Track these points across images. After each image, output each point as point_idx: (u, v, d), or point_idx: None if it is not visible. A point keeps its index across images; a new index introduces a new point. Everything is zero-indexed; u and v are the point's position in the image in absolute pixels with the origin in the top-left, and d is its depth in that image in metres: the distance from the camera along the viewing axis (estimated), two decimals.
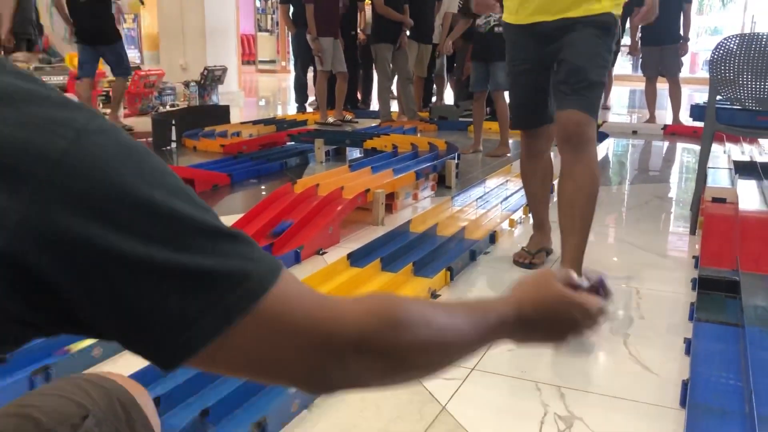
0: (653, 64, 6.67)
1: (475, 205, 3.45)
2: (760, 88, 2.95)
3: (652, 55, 6.65)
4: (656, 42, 6.55)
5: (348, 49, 7.14)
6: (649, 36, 6.59)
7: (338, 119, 6.82)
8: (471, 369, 1.84)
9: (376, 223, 3.26)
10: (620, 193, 4.12)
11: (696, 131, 5.83)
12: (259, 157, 4.82)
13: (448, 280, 2.48)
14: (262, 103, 9.37)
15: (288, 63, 16.00)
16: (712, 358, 1.83)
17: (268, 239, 2.81)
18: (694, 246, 2.93)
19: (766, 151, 4.99)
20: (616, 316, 2.22)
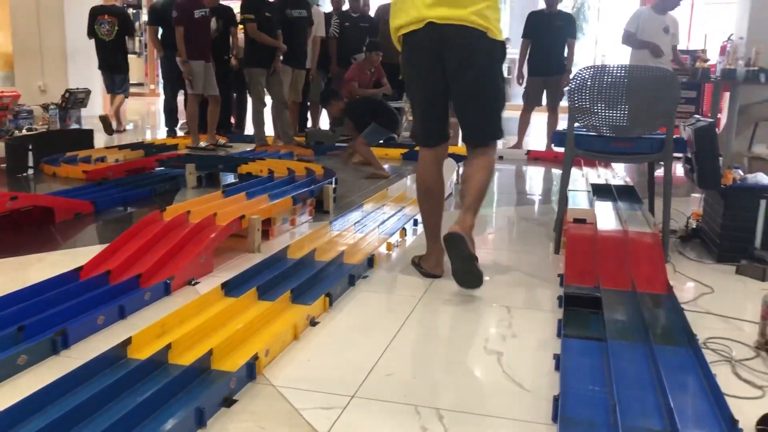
0: (536, 94, 7.05)
1: (353, 229, 3.46)
2: (613, 116, 3.18)
3: (536, 85, 7.01)
4: (541, 73, 6.93)
5: (221, 73, 7.02)
6: (535, 67, 6.96)
7: (211, 143, 6.65)
8: (351, 396, 1.82)
9: (252, 250, 3.18)
10: (489, 216, 4.28)
11: (557, 156, 6.21)
12: (125, 183, 4.59)
13: (327, 306, 2.45)
14: (129, 127, 8.95)
15: (157, 86, 15.46)
16: (580, 373, 1.91)
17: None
18: (559, 265, 3.08)
19: (618, 175, 5.37)
20: (490, 335, 2.28)
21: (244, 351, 2.00)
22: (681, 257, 3.27)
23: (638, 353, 2.05)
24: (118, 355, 1.93)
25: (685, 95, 7.16)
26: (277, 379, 1.90)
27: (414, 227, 3.71)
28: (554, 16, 6.86)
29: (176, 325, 2.18)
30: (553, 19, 6.84)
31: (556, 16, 6.87)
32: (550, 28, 6.82)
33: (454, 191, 4.89)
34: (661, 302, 2.50)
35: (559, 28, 6.82)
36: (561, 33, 6.84)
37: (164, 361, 1.91)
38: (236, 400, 1.77)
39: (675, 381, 1.84)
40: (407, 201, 4.20)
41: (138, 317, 2.34)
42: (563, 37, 6.86)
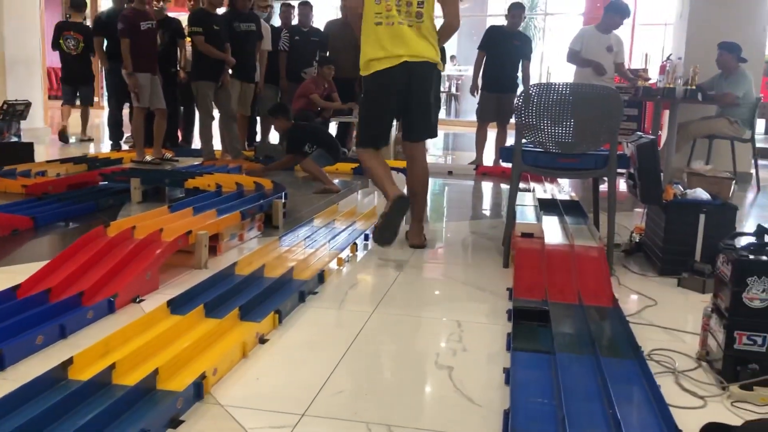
0: (490, 110, 7.14)
1: (303, 244, 3.43)
2: (558, 133, 3.25)
3: (490, 101, 7.11)
4: (496, 90, 7.02)
5: (168, 86, 6.92)
6: (490, 84, 7.06)
7: (157, 157, 6.53)
8: (301, 415, 1.79)
9: (199, 266, 3.12)
10: (440, 230, 4.31)
11: (505, 172, 6.30)
12: (67, 198, 4.46)
13: (277, 323, 2.42)
14: (72, 141, 8.71)
15: (101, 99, 15.10)
16: (530, 386, 1.93)
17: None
18: (507, 279, 3.12)
19: (564, 189, 5.49)
20: (441, 350, 2.29)
21: (191, 370, 1.95)
22: (625, 270, 3.35)
23: (586, 365, 2.08)
24: (58, 377, 1.86)
25: (628, 112, 7.38)
26: (225, 398, 1.86)
27: (365, 242, 3.70)
28: (513, 35, 7.01)
29: (120, 344, 2.11)
30: (511, 37, 6.99)
31: (515, 35, 7.02)
32: (506, 45, 6.96)
33: None
34: (607, 315, 2.55)
35: (516, 47, 6.97)
36: (517, 52, 6.98)
37: (108, 381, 1.85)
38: (183, 420, 1.73)
39: (621, 392, 1.88)
40: (358, 216, 4.20)
41: (80, 336, 2.27)
42: (518, 57, 7.02)
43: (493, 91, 7.04)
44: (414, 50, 3.36)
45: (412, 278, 3.15)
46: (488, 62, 7.07)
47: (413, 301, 2.83)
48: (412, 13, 3.35)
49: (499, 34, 7.04)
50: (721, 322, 2.09)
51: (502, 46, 6.97)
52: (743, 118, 6.20)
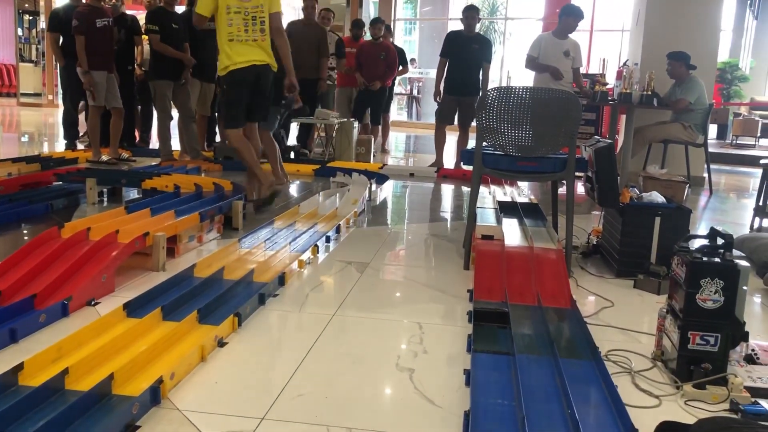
0: (449, 113, 7.19)
1: (263, 246, 3.39)
2: (518, 136, 3.28)
3: (450, 103, 7.16)
4: (455, 92, 7.09)
5: (125, 84, 6.78)
6: (449, 87, 7.12)
7: (113, 157, 6.39)
8: (261, 419, 1.77)
9: (157, 268, 3.06)
10: (399, 232, 4.32)
11: (465, 174, 6.35)
12: (19, 198, 4.33)
13: (236, 326, 2.39)
14: (24, 139, 8.48)
15: (56, 96, 14.77)
16: (490, 387, 1.95)
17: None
18: (468, 280, 3.14)
19: (524, 192, 5.55)
20: (402, 352, 2.29)
21: (147, 374, 1.91)
22: (583, 272, 3.41)
23: (545, 366, 2.10)
24: (8, 382, 1.80)
25: (586, 117, 7.51)
26: (183, 402, 1.83)
27: (326, 244, 3.69)
28: (472, 38, 7.07)
29: (74, 349, 2.06)
30: (470, 41, 7.05)
31: (474, 38, 7.08)
32: (466, 50, 7.02)
33: (366, 208, 4.90)
34: (566, 316, 2.59)
35: (475, 51, 7.03)
36: (477, 56, 7.04)
37: (60, 387, 1.80)
38: (139, 426, 1.69)
39: (579, 393, 1.90)
40: (319, 218, 4.18)
41: (31, 341, 2.20)
42: (479, 60, 7.07)
43: (453, 94, 7.11)
44: (260, 57, 4.45)
45: (373, 280, 3.15)
46: (449, 67, 7.14)
47: (374, 303, 2.83)
48: (257, 30, 4.43)
49: (459, 39, 7.11)
50: (676, 322, 2.14)
51: (462, 51, 7.03)
52: (696, 123, 6.36)
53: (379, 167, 6.84)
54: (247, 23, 4.40)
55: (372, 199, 5.31)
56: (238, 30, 4.38)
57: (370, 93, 8.21)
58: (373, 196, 5.38)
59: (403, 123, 15.55)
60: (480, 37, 7.20)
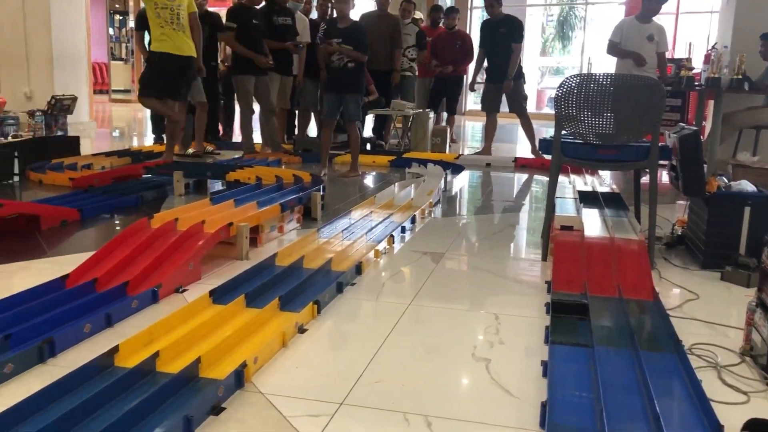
0: (493, 101, 7.16)
1: (341, 236, 3.46)
2: (598, 124, 3.20)
3: (492, 92, 7.13)
4: (492, 80, 7.07)
5: (208, 80, 7.00)
6: (490, 75, 7.11)
7: (199, 151, 6.63)
8: (339, 404, 1.82)
9: (240, 257, 3.17)
10: (475, 223, 4.30)
11: (544, 164, 6.24)
12: (112, 190, 4.57)
13: (316, 313, 2.45)
14: (116, 134, 8.92)
15: None
16: (568, 379, 1.93)
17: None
18: (546, 271, 3.10)
19: (605, 182, 5.41)
20: (478, 342, 2.29)
21: (232, 359, 2.00)
22: (666, 264, 3.30)
23: (625, 359, 2.06)
24: (105, 364, 1.92)
25: (670, 103, 7.23)
26: (265, 386, 1.90)
27: (402, 234, 3.72)
28: (499, 22, 6.98)
29: (164, 333, 2.17)
30: (497, 26, 6.97)
31: (501, 22, 6.99)
32: (494, 35, 6.97)
33: (442, 198, 4.90)
34: (647, 308, 2.52)
35: (504, 35, 6.93)
36: (506, 39, 6.94)
37: (152, 369, 1.90)
38: (224, 407, 1.77)
39: (661, 387, 1.86)
40: (395, 208, 4.21)
41: (125, 325, 2.33)
42: (507, 44, 6.96)
43: (493, 82, 7.10)
44: (183, 44, 5.73)
45: (448, 271, 3.15)
46: (487, 55, 7.16)
47: (450, 293, 2.84)
48: (178, 24, 5.71)
49: (487, 27, 7.09)
50: (767, 316, 2.05)
51: (491, 38, 7.00)
52: None
53: (454, 157, 6.81)
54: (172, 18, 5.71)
55: (447, 190, 5.30)
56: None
57: (446, 83, 8.18)
58: (448, 187, 5.37)
59: (480, 112, 15.39)
60: (508, 19, 7.08)
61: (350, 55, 5.38)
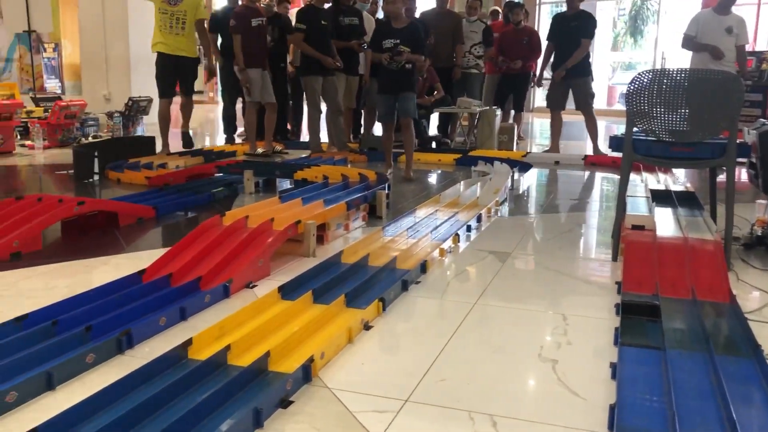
0: (559, 98, 7.00)
1: (406, 234, 3.47)
2: (672, 121, 3.11)
3: (559, 89, 6.97)
4: (564, 76, 6.87)
5: (277, 80, 7.14)
6: (557, 70, 6.91)
7: (268, 150, 6.77)
8: (405, 401, 1.83)
9: (308, 254, 3.23)
10: (544, 222, 4.24)
11: (615, 161, 6.09)
12: (186, 189, 4.73)
13: (381, 310, 2.48)
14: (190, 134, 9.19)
15: (216, 94, 15.83)
16: (637, 382, 1.88)
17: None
18: (616, 272, 3.03)
19: (679, 180, 5.24)
20: (545, 342, 2.26)
21: (299, 353, 2.04)
22: (745, 265, 3.17)
23: (698, 363, 2.00)
24: (179, 356, 1.99)
25: (750, 98, 6.93)
26: (331, 381, 1.93)
27: (467, 233, 3.70)
28: (572, 17, 6.81)
29: (235, 327, 2.23)
30: (570, 20, 6.80)
31: (574, 16, 6.80)
32: (567, 30, 6.79)
33: (509, 197, 4.85)
34: (723, 311, 2.43)
35: (575, 29, 6.75)
36: (576, 34, 6.76)
37: (223, 362, 1.97)
38: (292, 401, 1.81)
39: (738, 392, 1.79)
40: (460, 207, 4.20)
41: (198, 319, 2.41)
42: (579, 38, 6.78)
43: (562, 78, 6.89)
44: (180, 45, 6.38)
45: (514, 270, 3.12)
46: (555, 50, 6.97)
47: (516, 293, 2.81)
48: (177, 27, 6.36)
49: (560, 21, 6.91)
50: None
51: (563, 32, 6.81)
52: None
53: (522, 155, 6.73)
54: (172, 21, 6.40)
55: (514, 188, 5.24)
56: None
57: (513, 79, 8.08)
58: (515, 185, 5.31)
59: (542, 109, 15.14)
60: (581, 13, 6.87)
61: (412, 59, 5.22)
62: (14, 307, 2.47)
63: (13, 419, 1.70)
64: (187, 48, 6.51)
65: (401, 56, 5.15)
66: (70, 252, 3.32)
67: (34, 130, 7.17)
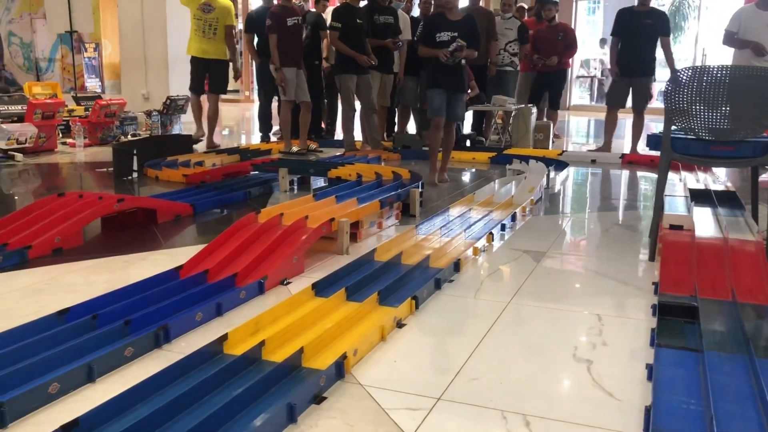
0: (620, 95, 6.79)
1: (439, 233, 3.47)
2: (712, 119, 3.04)
3: (620, 86, 6.76)
4: (627, 74, 6.66)
5: (312, 79, 7.18)
6: (621, 68, 6.70)
7: (302, 148, 6.82)
8: (437, 399, 1.83)
9: (341, 252, 3.25)
10: (580, 221, 4.19)
11: (653, 160, 5.99)
12: (222, 186, 4.79)
13: (414, 308, 2.48)
14: (225, 133, 9.32)
15: (252, 92, 15.98)
16: (674, 384, 1.85)
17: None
18: (653, 272, 2.98)
19: (719, 179, 5.13)
20: (579, 343, 2.24)
21: (333, 350, 2.05)
22: None
23: (738, 366, 1.96)
24: (215, 351, 2.03)
25: None
26: (364, 378, 1.94)
27: (501, 232, 3.68)
28: (644, 14, 6.55)
29: (269, 323, 2.26)
30: (643, 16, 6.55)
31: (646, 13, 6.56)
32: (638, 26, 6.54)
33: (544, 195, 4.81)
34: (764, 313, 2.38)
35: (649, 27, 6.52)
36: (650, 32, 6.54)
37: (258, 357, 1.99)
38: (325, 397, 1.82)
39: None
40: (494, 206, 4.18)
41: (233, 315, 2.45)
42: (653, 37, 6.56)
43: (625, 75, 6.68)
44: (209, 48, 7.08)
45: (549, 270, 3.10)
46: (621, 46, 6.70)
47: (551, 293, 2.78)
48: (209, 32, 7.07)
49: (629, 16, 6.63)
50: None
51: (633, 29, 6.55)
52: None
53: (558, 154, 6.66)
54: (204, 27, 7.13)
55: (550, 187, 5.19)
56: None
57: (549, 77, 7.99)
58: (551, 184, 5.26)
59: (585, 107, 14.94)
60: (654, 11, 6.64)
61: (469, 55, 4.92)
62: (56, 300, 2.53)
63: (56, 410, 1.75)
64: (217, 51, 7.23)
65: (462, 53, 4.82)
66: (110, 248, 3.39)
67: (76, 129, 7.33)
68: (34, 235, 3.26)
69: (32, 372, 1.86)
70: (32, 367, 1.87)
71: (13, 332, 2.10)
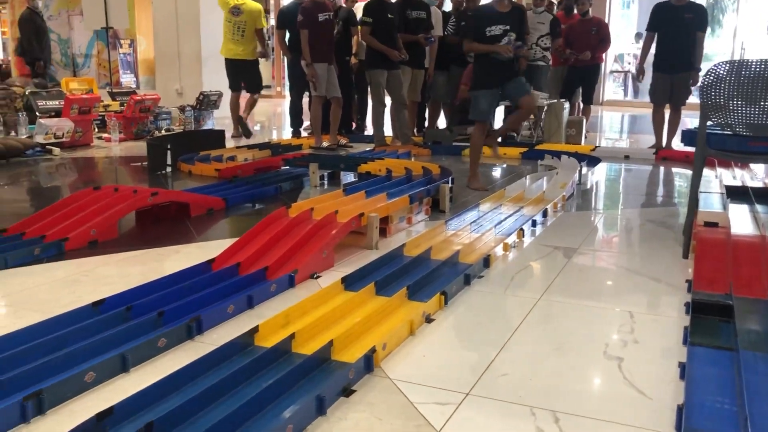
0: (663, 92, 6.62)
1: (468, 229, 3.46)
2: (750, 114, 2.98)
3: (662, 82, 6.59)
4: (668, 70, 6.49)
5: (342, 74, 7.19)
6: (661, 64, 6.55)
7: (333, 144, 6.84)
8: (466, 394, 1.83)
9: (371, 246, 3.26)
10: (613, 217, 4.14)
11: (688, 156, 5.88)
12: (254, 181, 4.83)
13: (443, 304, 2.48)
14: (257, 128, 9.39)
15: (283, 88, 16.08)
16: (707, 383, 1.82)
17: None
18: (687, 270, 2.94)
19: (757, 176, 5.02)
20: (611, 340, 2.22)
21: (362, 344, 2.06)
22: None
23: None
24: (246, 343, 2.05)
25: None
26: (393, 372, 1.95)
27: (532, 228, 3.66)
28: (683, 7, 6.36)
29: (299, 316, 2.28)
30: (682, 10, 6.37)
31: (685, 7, 6.36)
32: (677, 21, 6.33)
33: (576, 191, 4.76)
34: None
35: (688, 21, 6.33)
36: (690, 26, 6.35)
37: (288, 349, 2.01)
38: (354, 390, 1.84)
39: None
40: (525, 201, 4.15)
41: (264, 307, 2.47)
42: (693, 31, 6.37)
43: (665, 71, 6.50)
44: (238, 49, 7.64)
45: (580, 266, 3.07)
46: (660, 41, 6.50)
47: (582, 289, 2.76)
48: (239, 34, 7.62)
49: (668, 11, 6.42)
50: None
51: (672, 23, 6.34)
52: None
53: (590, 149, 6.58)
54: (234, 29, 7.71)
55: (582, 183, 5.14)
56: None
57: (581, 72, 7.89)
58: (583, 180, 5.20)
59: (618, 102, 14.75)
60: (693, 5, 6.42)
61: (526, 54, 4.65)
62: (92, 292, 2.59)
63: (91, 398, 1.79)
64: (245, 52, 7.81)
65: (522, 50, 4.55)
66: (144, 241, 3.45)
67: (111, 124, 7.46)
68: (71, 227, 3.33)
69: (69, 361, 1.90)
70: (68, 357, 1.92)
71: (50, 322, 2.15)
